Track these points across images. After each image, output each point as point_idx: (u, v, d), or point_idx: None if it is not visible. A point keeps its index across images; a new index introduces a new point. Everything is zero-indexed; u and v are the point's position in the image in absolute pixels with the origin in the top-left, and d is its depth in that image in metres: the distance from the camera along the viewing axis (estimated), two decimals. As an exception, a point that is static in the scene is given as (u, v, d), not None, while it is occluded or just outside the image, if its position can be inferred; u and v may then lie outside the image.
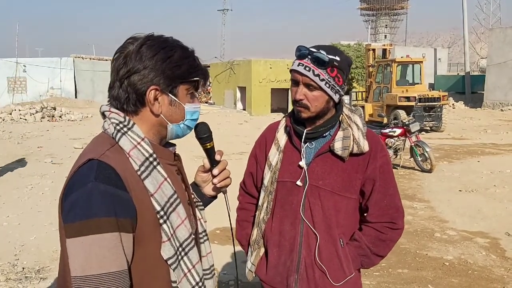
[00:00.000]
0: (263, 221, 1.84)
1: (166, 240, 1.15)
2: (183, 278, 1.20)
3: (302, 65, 1.67)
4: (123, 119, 1.18)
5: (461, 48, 47.07)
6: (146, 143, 1.17)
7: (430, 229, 5.68)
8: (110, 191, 1.06)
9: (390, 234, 1.79)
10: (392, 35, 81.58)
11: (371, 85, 18.02)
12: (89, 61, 31.75)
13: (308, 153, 1.78)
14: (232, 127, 17.27)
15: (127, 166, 1.13)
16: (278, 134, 1.85)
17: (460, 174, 8.79)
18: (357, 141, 1.72)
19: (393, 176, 1.84)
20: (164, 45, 1.20)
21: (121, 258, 1.07)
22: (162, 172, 1.18)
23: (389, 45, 19.89)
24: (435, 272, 4.37)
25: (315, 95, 1.68)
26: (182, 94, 1.23)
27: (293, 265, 1.77)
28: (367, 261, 1.83)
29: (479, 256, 4.76)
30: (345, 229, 1.78)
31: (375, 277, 4.26)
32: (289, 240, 1.78)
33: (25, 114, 19.47)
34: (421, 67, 17.28)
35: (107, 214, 1.04)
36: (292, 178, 1.77)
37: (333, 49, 1.70)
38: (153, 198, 1.14)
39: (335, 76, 1.67)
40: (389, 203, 1.78)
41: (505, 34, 26.19)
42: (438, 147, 12.16)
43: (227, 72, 27.50)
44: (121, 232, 1.07)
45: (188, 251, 1.21)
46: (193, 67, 1.23)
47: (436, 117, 15.95)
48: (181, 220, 1.19)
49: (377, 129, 9.31)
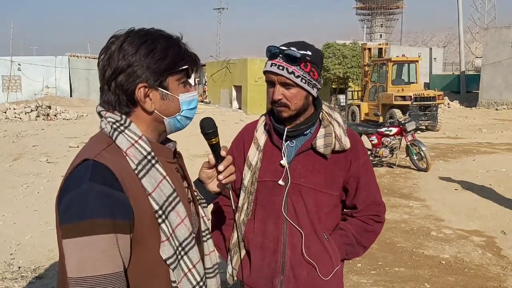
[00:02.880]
0: (243, 223, 1.80)
1: (165, 240, 1.13)
2: (183, 278, 1.18)
3: (275, 65, 1.65)
4: (119, 117, 1.16)
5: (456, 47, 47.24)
6: (143, 141, 1.15)
7: (426, 227, 5.70)
8: (106, 191, 1.04)
9: (375, 226, 1.82)
10: (387, 34, 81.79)
11: (367, 84, 18.06)
12: (84, 59, 31.63)
13: (289, 151, 1.76)
14: (228, 126, 17.24)
15: (123, 166, 1.11)
16: (257, 134, 1.82)
17: (456, 173, 8.82)
18: (338, 138, 1.72)
19: (374, 172, 1.88)
20: (145, 38, 1.15)
21: (117, 260, 1.05)
22: (160, 170, 1.16)
23: (385, 44, 19.97)
24: (432, 271, 4.38)
25: (293, 93, 1.66)
26: (174, 86, 1.19)
27: (278, 266, 1.74)
28: (352, 250, 1.83)
29: (475, 255, 4.78)
30: (327, 224, 1.78)
31: (372, 275, 4.27)
32: (272, 240, 1.75)
33: (20, 113, 19.36)
34: (417, 67, 17.34)
35: (102, 215, 1.03)
36: (274, 178, 1.75)
37: (303, 44, 1.69)
38: (151, 197, 1.12)
39: (310, 71, 1.66)
40: (374, 199, 1.82)
41: (500, 33, 26.32)
42: (433, 146, 12.19)
43: (222, 71, 27.47)
44: (117, 234, 1.05)
45: (188, 251, 1.19)
46: (178, 55, 1.17)
47: (431, 116, 16.01)
48: (180, 219, 1.17)
49: (373, 128, 9.33)
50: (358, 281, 4.15)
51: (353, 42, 26.10)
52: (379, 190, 1.87)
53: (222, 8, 75.88)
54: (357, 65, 23.11)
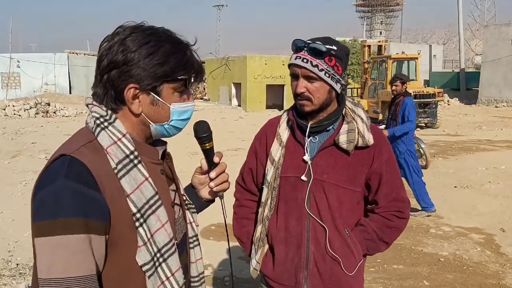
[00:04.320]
0: (267, 218, 1.81)
1: (142, 245, 1.07)
2: (160, 286, 1.11)
3: (300, 58, 1.65)
4: (105, 113, 1.11)
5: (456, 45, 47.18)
6: (127, 140, 1.10)
7: (425, 225, 5.69)
8: (80, 190, 0.99)
9: (397, 222, 1.81)
10: (387, 31, 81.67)
11: (367, 81, 18.03)
12: (83, 56, 31.58)
13: (312, 147, 1.76)
14: (227, 124, 17.23)
15: (103, 164, 1.05)
16: (280, 129, 1.82)
17: (455, 170, 8.81)
18: (362, 134, 1.70)
19: (398, 169, 1.85)
20: (150, 38, 1.10)
21: (88, 262, 1.00)
22: (143, 171, 1.10)
23: (385, 41, 19.91)
24: (430, 268, 4.38)
25: (316, 86, 1.66)
26: (168, 93, 1.13)
27: (302, 261, 1.75)
28: (373, 246, 1.82)
29: (474, 252, 4.78)
30: (348, 219, 1.78)
31: (371, 272, 4.27)
32: (296, 236, 1.76)
33: (19, 110, 19.33)
34: (416, 64, 17.30)
35: (75, 215, 0.98)
36: (296, 173, 1.74)
37: (329, 40, 1.69)
38: (129, 199, 1.06)
39: (334, 65, 1.65)
40: (397, 195, 1.80)
41: (499, 31, 26.29)
42: (433, 144, 12.19)
43: (222, 68, 27.42)
44: (90, 234, 1.00)
45: (167, 258, 1.12)
46: (180, 64, 1.11)
47: (431, 113, 16.00)
48: (161, 223, 1.10)
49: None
50: (356, 278, 4.14)
51: (353, 39, 26.10)
52: (403, 187, 1.85)
53: (222, 5, 75.75)
54: (357, 62, 23.09)
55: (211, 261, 4.46)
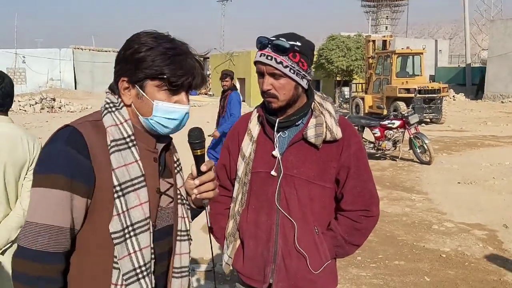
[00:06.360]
0: (238, 213, 1.82)
1: (116, 215, 1.20)
2: (127, 257, 1.21)
3: (264, 55, 1.66)
4: (116, 100, 1.28)
5: (462, 39, 46.82)
6: (128, 125, 1.25)
7: (427, 221, 5.68)
8: (72, 153, 1.16)
9: (365, 222, 1.79)
10: (393, 26, 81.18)
11: (371, 76, 17.96)
12: (88, 52, 31.64)
13: (282, 142, 1.76)
14: (232, 119, 17.23)
15: (100, 139, 1.21)
16: (250, 125, 1.84)
17: (459, 166, 8.78)
18: (330, 128, 1.71)
19: (367, 162, 1.83)
20: (145, 39, 1.22)
21: (64, 216, 1.16)
22: (135, 154, 1.24)
23: (389, 36, 19.83)
24: (432, 264, 4.37)
25: (282, 83, 1.66)
26: (152, 90, 1.23)
27: (270, 256, 1.76)
28: (341, 251, 1.83)
29: (476, 248, 4.76)
30: (320, 217, 1.77)
31: (372, 268, 4.27)
32: (265, 230, 1.76)
33: (24, 105, 19.46)
34: (421, 59, 17.21)
35: (63, 173, 1.15)
36: (266, 168, 1.75)
37: (293, 36, 1.69)
38: (114, 173, 1.20)
39: (299, 61, 1.65)
40: (363, 189, 1.77)
41: (506, 25, 26.05)
42: (437, 139, 12.14)
43: (226, 64, 27.37)
44: (73, 194, 1.16)
45: (138, 233, 1.22)
46: (164, 64, 1.20)
47: (436, 109, 15.90)
48: (139, 202, 1.22)
49: (376, 121, 9.29)
50: (357, 274, 4.15)
51: (357, 34, 25.91)
52: (372, 181, 1.82)
53: (226, 0, 75.53)
54: (361, 57, 22.96)
55: (206, 257, 4.48)
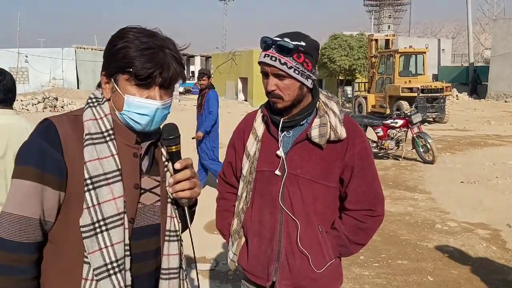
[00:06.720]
0: (242, 211, 1.83)
1: (85, 208, 1.19)
2: (97, 251, 1.19)
3: (268, 56, 1.66)
4: (100, 96, 1.29)
5: (465, 39, 46.68)
6: (107, 119, 1.25)
7: (431, 220, 5.66)
8: (44, 146, 1.19)
9: (369, 222, 1.78)
10: (395, 25, 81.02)
11: (374, 76, 17.92)
12: (90, 51, 31.67)
13: (286, 142, 1.77)
14: (233, 118, 17.23)
15: (76, 132, 1.22)
16: (255, 124, 1.84)
17: (463, 165, 8.75)
18: (334, 128, 1.70)
19: (373, 161, 1.82)
20: (120, 34, 1.22)
21: (34, 207, 1.18)
22: (111, 148, 1.23)
23: (392, 35, 19.76)
24: (435, 264, 4.35)
25: (286, 84, 1.66)
26: (123, 84, 1.22)
27: (274, 254, 1.76)
28: (345, 251, 1.82)
29: (479, 248, 4.74)
30: (324, 216, 1.77)
31: (374, 268, 4.26)
32: (269, 229, 1.77)
33: (27, 105, 19.48)
34: (424, 58, 17.16)
35: (34, 165, 1.18)
36: (271, 168, 1.76)
37: (298, 35, 1.68)
38: (85, 166, 1.19)
39: (303, 62, 1.65)
40: (368, 189, 1.76)
41: (508, 24, 25.95)
42: (441, 138, 12.10)
43: (228, 63, 27.39)
44: (44, 185, 1.18)
45: (110, 228, 1.20)
46: (132, 57, 1.17)
47: (439, 108, 15.86)
48: (112, 196, 1.20)
49: (379, 120, 9.26)
50: (360, 273, 4.14)
51: (360, 33, 25.88)
52: (377, 180, 1.81)
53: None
54: (364, 56, 22.93)
55: (214, 255, 4.47)
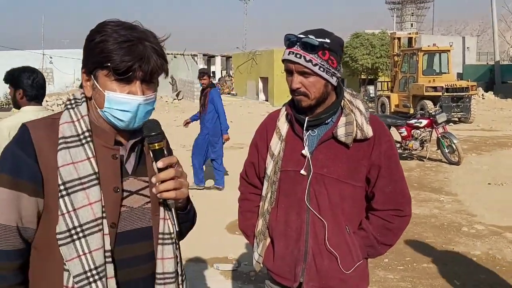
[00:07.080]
0: (267, 211, 1.81)
1: (60, 215, 1.16)
2: (76, 259, 1.16)
3: (293, 53, 1.64)
4: (80, 97, 1.26)
5: (490, 36, 45.63)
6: (84, 121, 1.21)
7: (457, 223, 5.53)
8: (18, 153, 1.17)
9: (397, 222, 1.75)
10: (418, 23, 79.81)
11: (397, 74, 17.67)
12: (113, 52, 32.14)
13: (311, 141, 1.74)
14: (254, 118, 17.24)
15: (51, 136, 1.19)
16: (279, 123, 1.82)
17: (489, 166, 8.54)
18: (360, 126, 1.67)
19: (398, 161, 1.79)
20: (98, 28, 1.18)
21: (10, 214, 1.16)
22: (87, 151, 1.19)
23: (415, 33, 19.46)
24: (462, 268, 4.25)
25: (311, 81, 1.64)
26: (103, 80, 1.18)
27: (300, 255, 1.74)
28: (373, 252, 1.79)
29: (508, 252, 4.62)
30: (351, 216, 1.74)
31: (399, 271, 4.18)
32: (295, 229, 1.74)
33: (52, 105, 19.91)
34: (448, 56, 16.85)
35: (7, 172, 1.16)
36: (296, 167, 1.73)
37: (322, 32, 1.66)
38: (58, 171, 1.16)
39: (328, 59, 1.63)
40: (395, 189, 1.74)
41: (537, 21, 25.23)
42: (466, 139, 11.86)
43: (249, 63, 27.42)
44: (19, 192, 1.16)
45: (87, 235, 1.16)
46: (109, 51, 1.13)
47: (464, 107, 15.53)
48: (88, 202, 1.16)
49: (403, 120, 9.11)
50: (385, 276, 4.06)
51: (382, 31, 25.55)
52: (403, 180, 1.78)
53: (249, -1, 75.48)
54: (386, 55, 22.62)
55: (236, 255, 4.47)
